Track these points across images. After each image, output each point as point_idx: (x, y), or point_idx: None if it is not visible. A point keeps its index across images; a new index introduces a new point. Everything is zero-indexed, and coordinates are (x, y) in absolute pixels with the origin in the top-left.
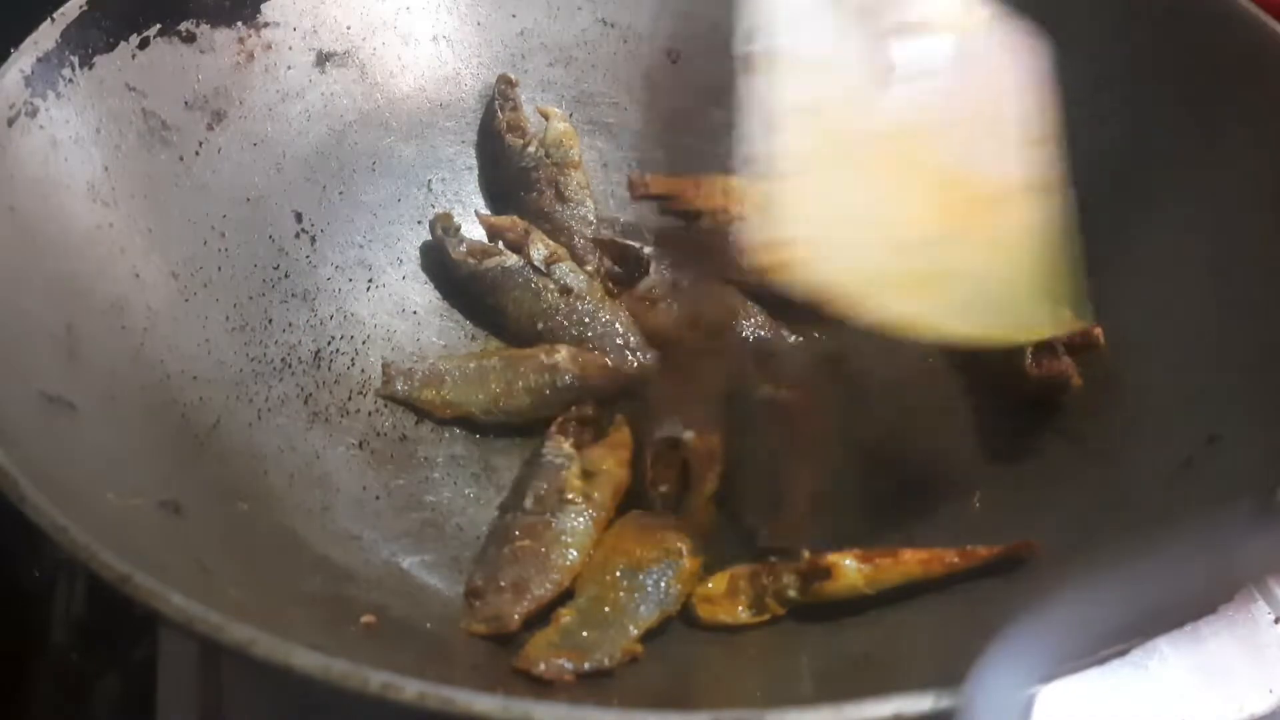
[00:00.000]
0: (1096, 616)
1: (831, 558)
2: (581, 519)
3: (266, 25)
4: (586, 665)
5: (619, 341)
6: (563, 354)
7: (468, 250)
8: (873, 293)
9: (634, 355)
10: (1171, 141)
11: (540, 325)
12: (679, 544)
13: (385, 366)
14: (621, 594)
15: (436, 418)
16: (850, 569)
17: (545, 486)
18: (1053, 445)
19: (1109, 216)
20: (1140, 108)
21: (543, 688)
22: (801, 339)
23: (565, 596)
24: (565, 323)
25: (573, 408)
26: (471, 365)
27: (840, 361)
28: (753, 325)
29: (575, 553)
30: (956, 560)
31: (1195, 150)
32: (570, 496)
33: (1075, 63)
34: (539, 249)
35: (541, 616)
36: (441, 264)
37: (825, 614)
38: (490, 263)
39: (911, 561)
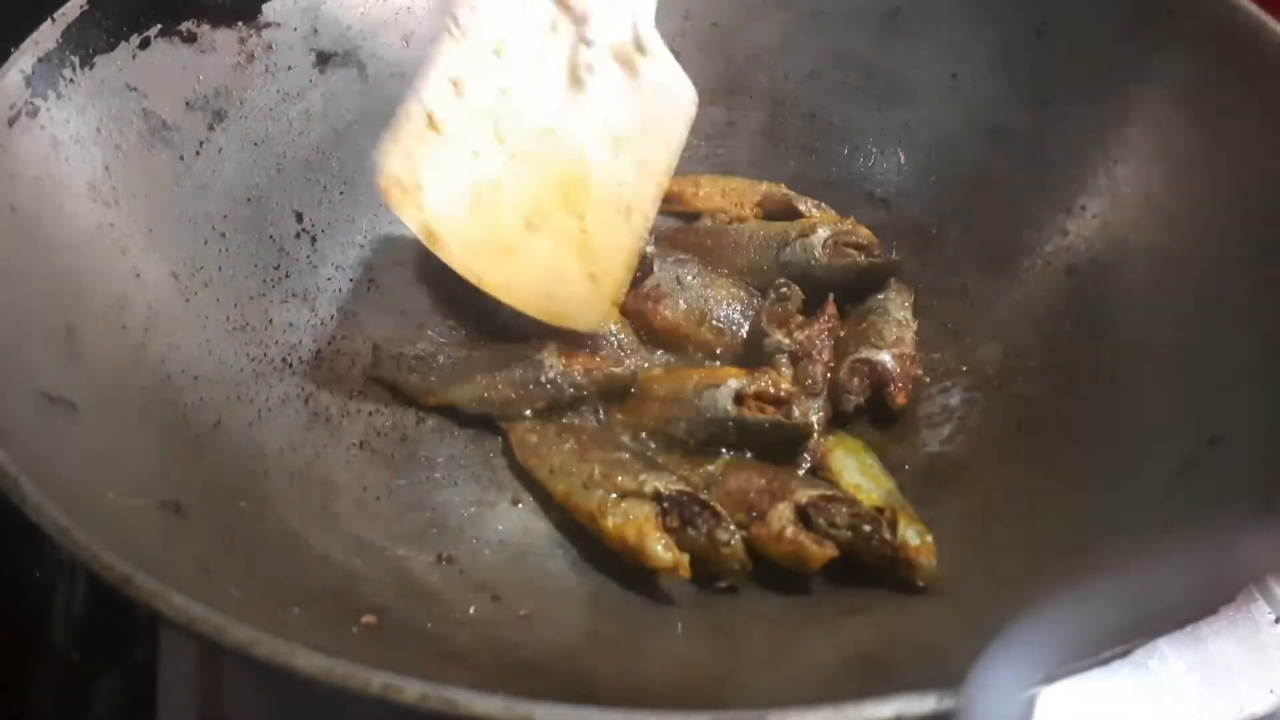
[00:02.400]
0: (1096, 616)
1: None
2: None
3: (267, 25)
4: None
5: (611, 341)
6: (549, 350)
7: None
8: (469, 250)
9: (624, 356)
10: (1172, 141)
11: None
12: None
13: (375, 348)
14: None
15: (420, 404)
16: None
17: None
18: (1053, 445)
19: (1110, 216)
20: (1141, 108)
21: None
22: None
23: None
24: None
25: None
26: (461, 356)
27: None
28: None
29: None
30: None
31: (1196, 150)
32: None
33: (1077, 63)
34: None
35: None
36: (442, 264)
37: (826, 613)
38: None
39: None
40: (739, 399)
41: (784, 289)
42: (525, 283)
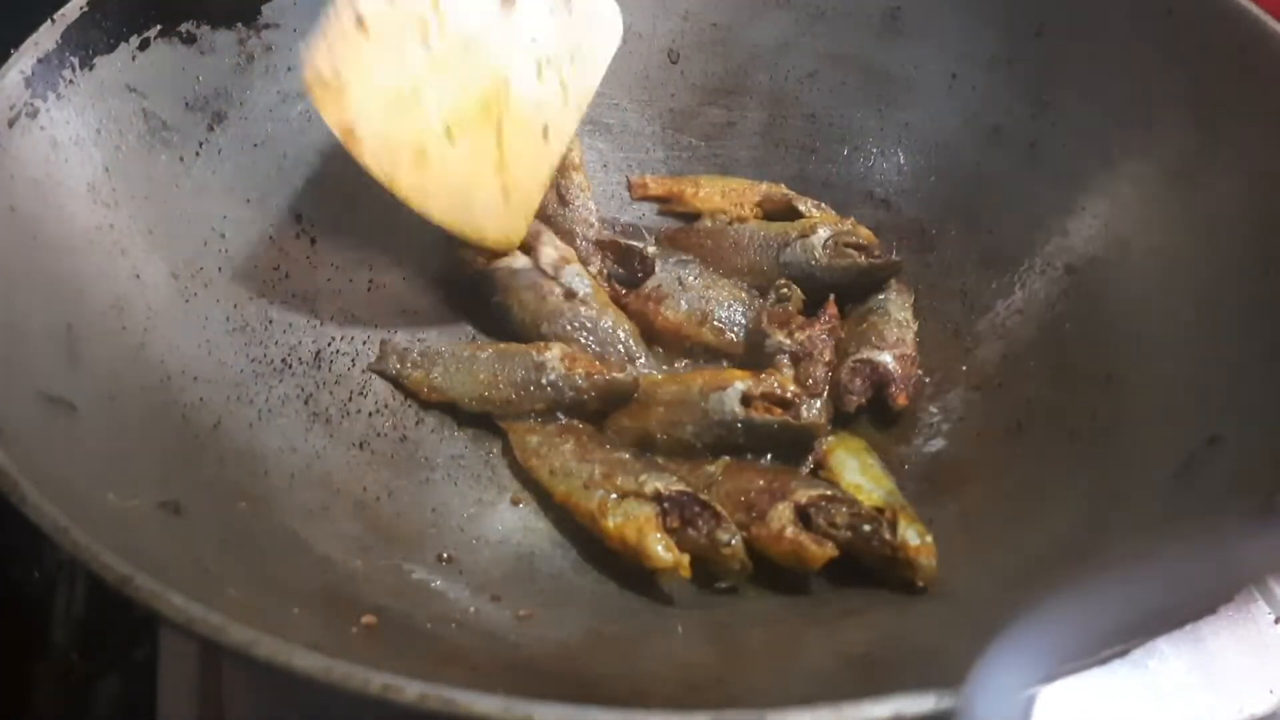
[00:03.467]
0: (1096, 616)
1: None
2: None
3: (266, 27)
4: None
5: (619, 349)
6: (553, 352)
7: (476, 250)
8: (385, 150)
9: (629, 363)
10: (1172, 141)
11: (544, 327)
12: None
13: (382, 343)
14: None
15: (421, 401)
16: None
17: None
18: (1053, 445)
19: (1110, 216)
20: (1140, 108)
21: None
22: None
23: None
24: (568, 327)
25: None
26: (465, 354)
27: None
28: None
29: None
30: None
31: (1195, 150)
32: None
33: (1077, 63)
34: (548, 252)
35: None
36: (443, 264)
37: (826, 613)
38: (499, 264)
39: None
40: (746, 401)
41: (784, 289)
42: (437, 190)
